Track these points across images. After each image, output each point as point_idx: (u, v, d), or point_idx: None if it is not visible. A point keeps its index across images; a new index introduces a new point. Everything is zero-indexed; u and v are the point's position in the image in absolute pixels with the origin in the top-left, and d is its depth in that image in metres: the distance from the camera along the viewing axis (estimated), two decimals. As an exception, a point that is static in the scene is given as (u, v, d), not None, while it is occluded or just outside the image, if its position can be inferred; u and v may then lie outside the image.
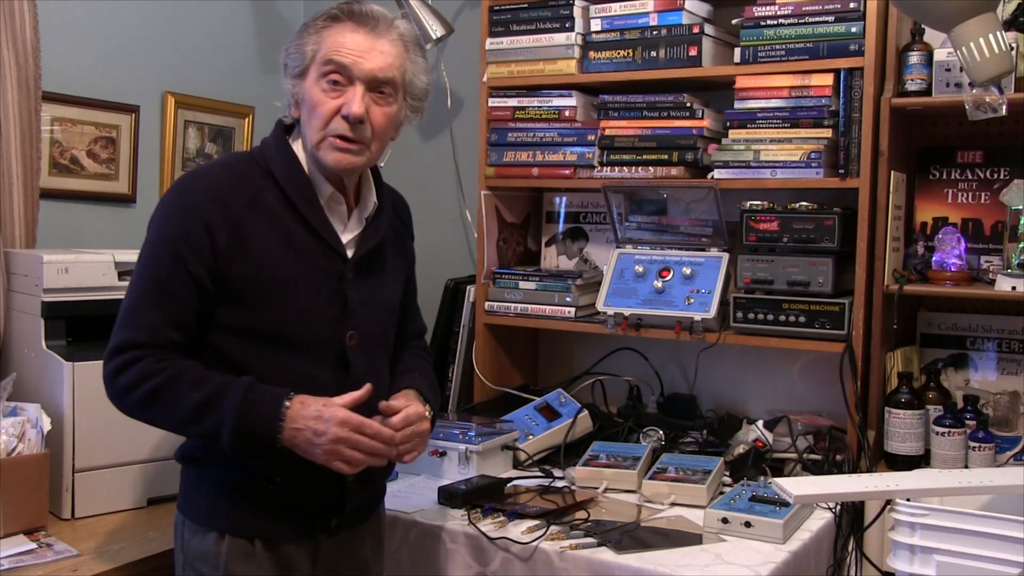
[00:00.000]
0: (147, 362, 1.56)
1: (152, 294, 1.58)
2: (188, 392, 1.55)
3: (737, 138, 2.42)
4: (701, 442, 2.38)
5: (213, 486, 1.67)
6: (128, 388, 1.56)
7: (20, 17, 2.47)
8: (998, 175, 2.39)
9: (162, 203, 1.65)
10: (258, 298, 1.61)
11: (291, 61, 1.66)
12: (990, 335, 2.40)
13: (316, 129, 1.63)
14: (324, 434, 1.55)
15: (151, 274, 1.60)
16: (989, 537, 1.56)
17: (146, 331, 1.57)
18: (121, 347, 1.57)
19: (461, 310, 2.85)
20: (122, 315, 1.60)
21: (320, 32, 1.64)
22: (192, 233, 1.57)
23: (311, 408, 1.56)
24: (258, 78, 3.32)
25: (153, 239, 1.62)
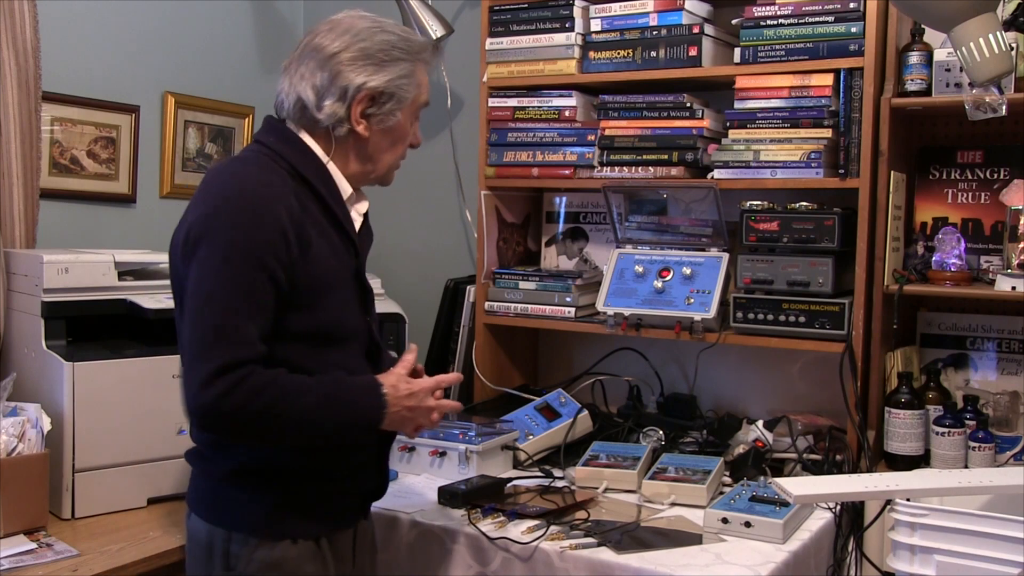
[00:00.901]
0: (253, 378, 1.50)
1: (243, 307, 1.52)
2: (299, 398, 1.54)
3: (737, 138, 2.42)
4: (701, 442, 2.38)
5: (276, 495, 1.64)
6: (242, 407, 1.49)
7: (20, 17, 2.47)
8: (998, 175, 2.39)
9: (225, 210, 1.55)
10: (312, 300, 1.61)
11: (401, 93, 1.69)
12: (990, 335, 2.40)
13: (397, 156, 1.76)
14: (419, 413, 1.68)
15: (238, 286, 1.52)
16: (989, 537, 1.56)
17: (246, 347, 1.51)
18: (226, 367, 1.48)
19: (461, 310, 2.85)
20: (214, 331, 1.50)
21: (417, 69, 1.72)
22: (273, 240, 1.54)
23: (402, 388, 1.65)
24: (258, 78, 3.32)
25: (227, 248, 1.53)
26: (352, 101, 1.65)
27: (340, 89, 1.65)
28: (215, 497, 1.66)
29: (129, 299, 2.26)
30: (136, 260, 2.39)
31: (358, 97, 1.65)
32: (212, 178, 1.63)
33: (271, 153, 1.66)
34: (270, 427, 1.54)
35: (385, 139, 1.71)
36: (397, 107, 1.69)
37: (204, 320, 1.52)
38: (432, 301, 2.96)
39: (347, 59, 1.65)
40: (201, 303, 1.53)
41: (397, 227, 3.31)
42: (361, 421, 1.62)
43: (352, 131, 1.67)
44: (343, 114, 1.66)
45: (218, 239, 1.54)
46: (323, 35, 1.70)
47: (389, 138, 1.72)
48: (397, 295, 2.95)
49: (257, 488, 1.64)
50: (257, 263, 1.53)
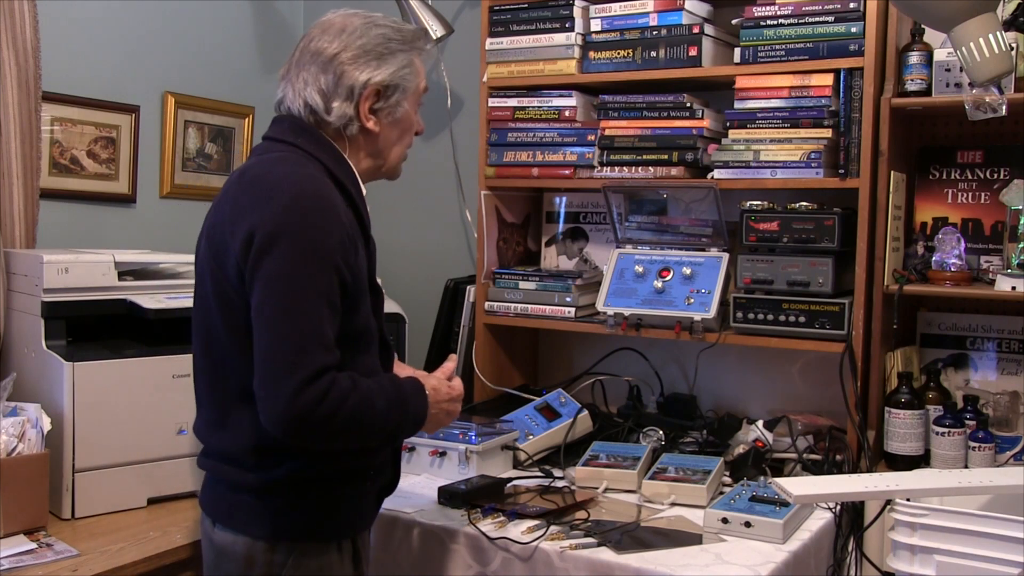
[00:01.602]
0: (338, 383, 1.49)
1: (325, 311, 1.51)
2: (374, 401, 1.56)
3: (737, 138, 2.42)
4: (701, 442, 2.38)
5: (314, 500, 1.63)
6: (333, 413, 1.48)
7: (20, 17, 2.47)
8: (998, 175, 2.39)
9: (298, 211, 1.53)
10: (354, 303, 1.60)
11: (405, 82, 1.70)
12: (990, 335, 2.40)
13: (405, 146, 1.78)
14: (453, 412, 1.78)
15: (320, 290, 1.51)
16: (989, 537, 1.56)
17: (331, 352, 1.50)
18: (317, 374, 1.47)
19: (461, 310, 2.85)
20: (302, 336, 1.48)
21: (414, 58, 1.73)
22: (343, 244, 1.55)
23: (442, 392, 1.74)
24: (258, 78, 3.32)
25: (306, 249, 1.51)
26: (359, 99, 1.67)
27: (346, 89, 1.66)
28: (253, 508, 1.62)
29: (129, 299, 2.26)
30: (136, 260, 2.39)
31: (365, 94, 1.66)
32: (262, 177, 1.58)
33: (305, 155, 1.65)
34: (355, 430, 1.55)
35: (394, 131, 1.73)
36: (403, 97, 1.71)
37: (289, 324, 1.48)
38: (432, 301, 2.96)
39: (348, 58, 1.66)
40: (283, 307, 1.49)
41: (397, 227, 3.31)
42: (412, 421, 1.67)
43: (363, 128, 1.69)
44: (352, 113, 1.67)
45: (296, 241, 1.50)
46: (318, 38, 1.69)
47: (397, 130, 1.74)
48: (397, 295, 2.95)
49: (298, 495, 1.62)
50: (332, 266, 1.52)
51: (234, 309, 1.56)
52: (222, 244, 1.57)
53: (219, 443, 1.65)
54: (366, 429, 1.56)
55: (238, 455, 1.62)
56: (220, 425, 1.65)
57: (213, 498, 1.68)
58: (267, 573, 1.61)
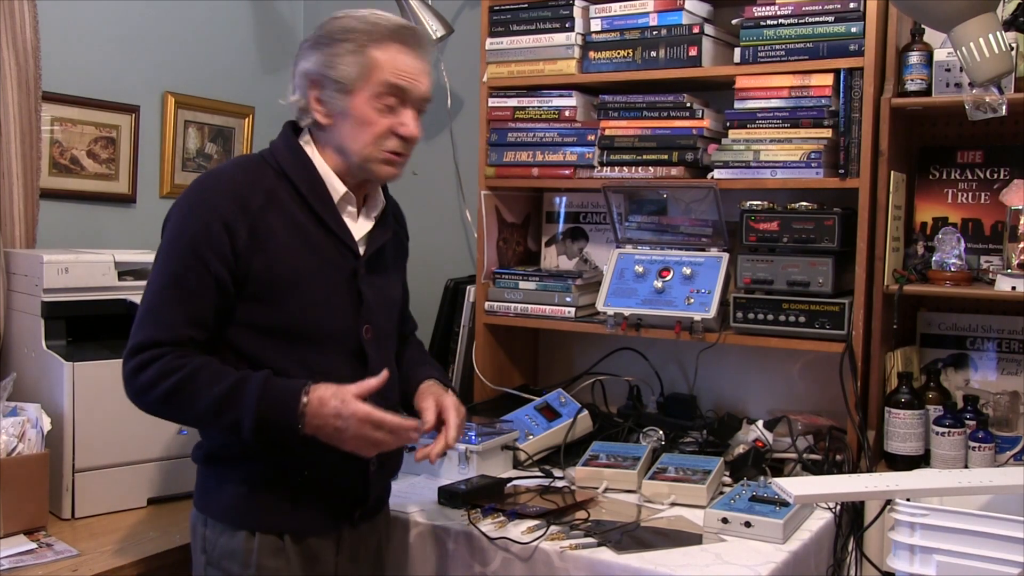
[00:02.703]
0: (166, 360, 1.57)
1: (172, 293, 1.60)
2: (207, 387, 1.56)
3: (737, 138, 2.42)
4: (701, 442, 2.38)
5: (239, 484, 1.67)
6: (148, 386, 1.57)
7: (20, 17, 2.47)
8: (998, 175, 2.39)
9: (179, 204, 1.65)
10: (277, 295, 1.63)
11: (335, 74, 1.64)
12: (990, 335, 2.40)
13: (366, 144, 1.67)
14: (346, 430, 1.59)
15: (171, 273, 1.60)
16: (989, 537, 1.56)
17: (165, 329, 1.58)
18: (140, 346, 1.58)
19: (461, 310, 2.85)
20: (141, 314, 1.61)
21: (370, 49, 1.64)
22: (212, 233, 1.59)
23: (330, 406, 1.58)
24: (258, 78, 3.32)
25: (171, 238, 1.63)
26: (305, 89, 1.67)
27: (296, 79, 1.69)
28: (199, 482, 1.74)
29: (129, 299, 2.26)
30: (136, 260, 2.39)
31: (307, 84, 1.67)
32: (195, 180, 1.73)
33: (266, 153, 1.71)
34: (174, 409, 1.62)
35: (345, 125, 1.66)
36: (341, 88, 1.64)
37: (142, 301, 1.63)
38: (432, 301, 2.95)
39: (301, 48, 1.70)
40: (146, 285, 1.64)
41: (397, 227, 3.31)
42: (278, 420, 1.57)
43: (316, 121, 1.68)
44: (304, 104, 1.68)
45: (168, 230, 1.65)
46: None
47: (348, 124, 1.66)
48: (397, 295, 2.94)
49: (224, 475, 1.69)
50: (193, 253, 1.59)
51: None
52: None
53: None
54: (186, 412, 1.62)
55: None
56: None
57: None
58: (198, 544, 1.71)
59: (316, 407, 1.58)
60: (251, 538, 1.66)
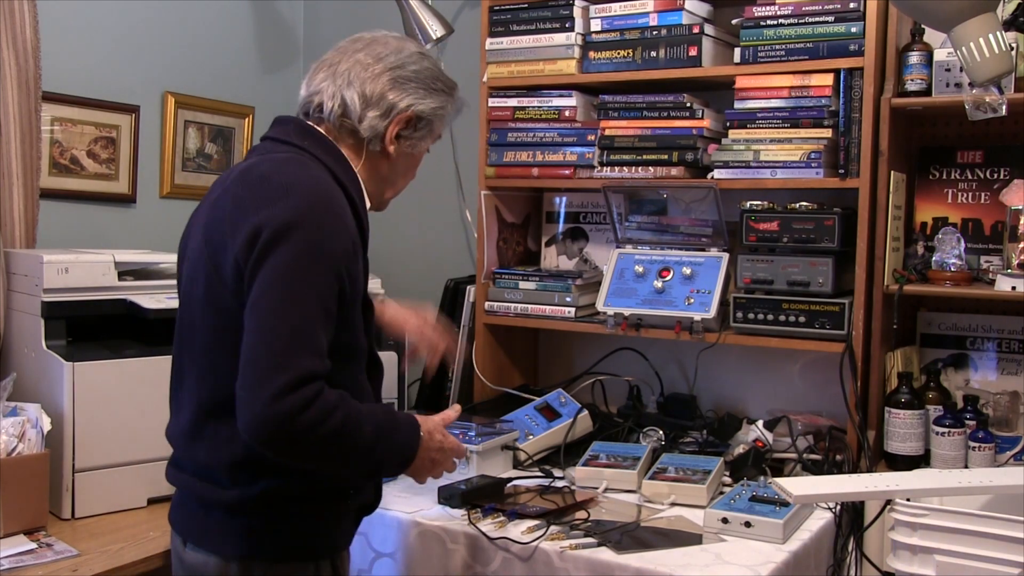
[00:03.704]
0: (326, 395, 1.41)
1: (320, 316, 1.44)
2: (362, 424, 1.47)
3: (737, 138, 2.42)
4: (701, 442, 2.38)
5: (292, 521, 1.58)
6: (316, 425, 1.39)
7: (20, 17, 2.47)
8: (998, 175, 2.39)
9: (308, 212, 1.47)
10: (351, 313, 1.55)
11: (436, 123, 1.72)
12: (990, 335, 2.40)
13: (405, 183, 1.78)
14: (441, 463, 1.66)
15: (318, 293, 1.44)
16: (989, 537, 1.56)
17: (321, 359, 1.42)
18: (304, 379, 1.39)
19: (461, 310, 2.85)
20: (293, 337, 1.40)
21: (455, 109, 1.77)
22: (347, 250, 1.50)
23: (435, 440, 1.63)
24: (258, 78, 3.32)
25: (311, 251, 1.45)
26: (392, 120, 1.65)
27: (388, 105, 1.64)
28: (226, 526, 1.56)
29: (129, 299, 2.26)
30: (136, 260, 2.39)
31: (399, 117, 1.65)
32: (270, 176, 1.52)
33: (311, 158, 1.59)
34: (335, 450, 1.45)
35: (405, 163, 1.73)
36: (427, 135, 1.71)
37: (281, 324, 1.40)
38: (432, 301, 2.95)
39: (400, 77, 1.65)
40: (277, 305, 1.41)
41: (397, 227, 3.31)
42: (399, 457, 1.57)
43: (383, 149, 1.67)
44: (381, 130, 1.65)
45: (303, 240, 1.44)
46: (369, 47, 1.66)
47: (407, 164, 1.74)
48: (397, 295, 2.94)
49: (273, 514, 1.56)
50: (335, 271, 1.47)
51: (225, 310, 1.49)
52: (220, 242, 1.50)
53: (193, 455, 1.59)
54: (348, 452, 1.47)
55: (212, 469, 1.56)
56: (196, 435, 1.57)
57: (184, 515, 1.63)
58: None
59: (427, 440, 1.61)
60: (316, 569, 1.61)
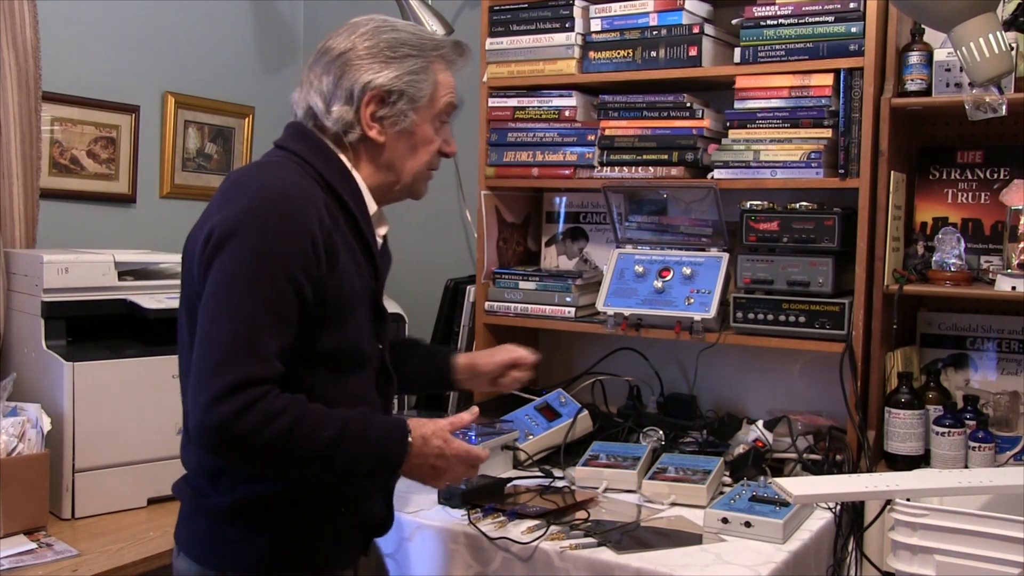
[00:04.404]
0: (268, 400, 1.37)
1: (265, 320, 1.39)
2: (317, 428, 1.41)
3: (737, 138, 2.42)
4: (701, 442, 2.38)
5: (271, 533, 1.52)
6: (255, 431, 1.36)
7: (20, 17, 2.47)
8: (998, 175, 2.39)
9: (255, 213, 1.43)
10: (335, 319, 1.50)
11: (413, 90, 1.57)
12: (990, 335, 2.40)
13: (422, 163, 1.63)
14: (445, 470, 1.56)
15: (261, 297, 1.39)
16: (989, 537, 1.56)
17: (263, 364, 1.38)
18: (241, 384, 1.36)
19: (461, 310, 2.85)
20: (230, 343, 1.37)
21: (434, 67, 1.61)
22: (304, 252, 1.43)
23: (432, 445, 1.53)
24: (258, 78, 3.32)
25: (254, 255, 1.41)
26: (360, 103, 1.55)
27: (346, 91, 1.55)
28: (207, 536, 1.55)
29: (129, 299, 2.26)
30: (136, 260, 2.39)
31: (365, 98, 1.55)
32: (238, 179, 1.51)
33: (299, 160, 1.55)
34: (283, 456, 1.41)
35: (402, 143, 1.60)
36: (410, 106, 1.58)
37: (221, 329, 1.38)
38: (432, 301, 2.96)
39: (352, 58, 1.56)
40: (219, 310, 1.39)
41: (397, 227, 3.30)
42: (380, 465, 1.50)
43: (365, 136, 1.57)
44: (351, 118, 1.55)
45: (246, 243, 1.41)
46: (332, 39, 1.59)
47: (407, 142, 1.60)
48: (397, 295, 2.95)
49: (252, 526, 1.52)
50: (285, 273, 1.41)
51: (195, 312, 1.46)
52: (192, 246, 1.50)
53: (186, 460, 1.59)
54: (299, 458, 1.42)
55: (198, 475, 1.55)
56: (187, 440, 1.56)
57: (178, 523, 1.61)
58: None
59: (420, 446, 1.51)
60: None
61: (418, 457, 1.52)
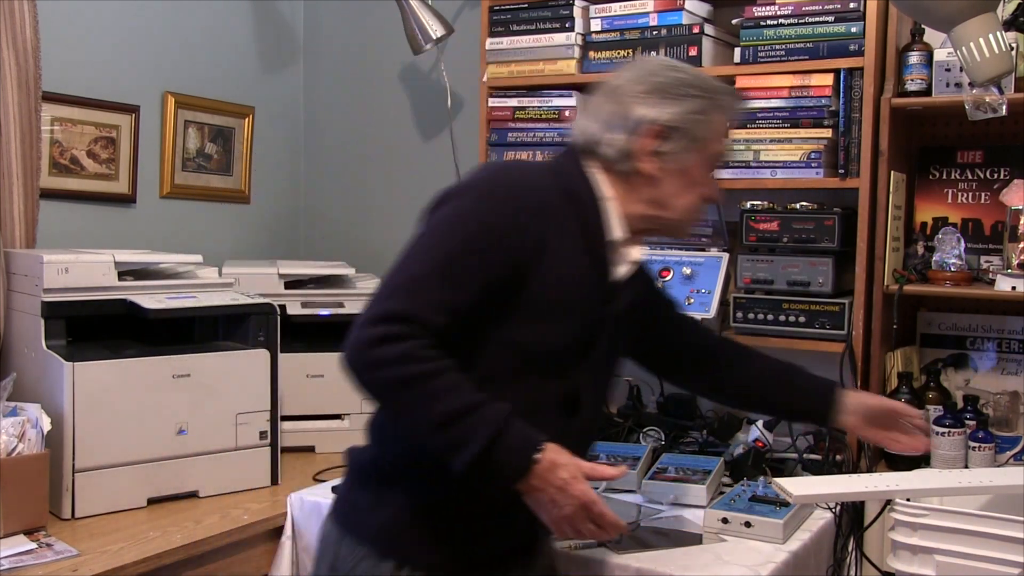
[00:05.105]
0: (415, 342, 1.39)
1: (441, 272, 1.43)
2: (446, 393, 1.40)
3: (737, 138, 2.42)
4: (701, 442, 2.38)
5: (400, 509, 1.53)
6: (387, 362, 1.39)
7: (20, 17, 2.46)
8: (998, 175, 2.39)
9: (475, 183, 1.52)
10: (533, 316, 1.49)
11: (693, 130, 1.57)
12: (990, 335, 2.40)
13: (691, 205, 1.62)
14: (561, 507, 1.44)
15: (447, 251, 1.45)
16: (989, 537, 1.55)
17: (423, 307, 1.41)
18: (393, 316, 1.40)
19: (461, 310, 2.84)
20: (398, 282, 1.44)
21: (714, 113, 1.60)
22: (507, 227, 1.46)
23: (558, 476, 1.43)
24: (258, 78, 3.32)
25: (458, 216, 1.47)
26: (639, 135, 1.56)
27: (626, 122, 1.56)
28: (347, 496, 1.61)
29: (129, 299, 2.26)
30: (136, 260, 2.39)
31: (645, 131, 1.56)
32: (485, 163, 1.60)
33: (551, 169, 1.58)
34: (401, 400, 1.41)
35: (674, 180, 1.59)
36: (687, 145, 1.57)
37: (407, 264, 1.46)
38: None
39: (637, 91, 1.57)
40: (412, 249, 1.47)
41: (397, 227, 3.31)
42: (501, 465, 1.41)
43: (637, 168, 1.57)
44: (627, 147, 1.56)
45: (459, 204, 1.49)
46: (617, 74, 1.63)
47: (679, 180, 1.59)
48: (397, 295, 2.94)
49: (384, 496, 1.54)
50: (478, 239, 1.45)
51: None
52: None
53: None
54: (417, 406, 1.40)
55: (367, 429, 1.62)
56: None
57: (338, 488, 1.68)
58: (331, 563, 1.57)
59: (545, 469, 1.42)
60: (399, 570, 1.51)
61: (539, 480, 1.42)
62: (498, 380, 1.47)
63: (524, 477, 1.42)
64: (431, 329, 1.41)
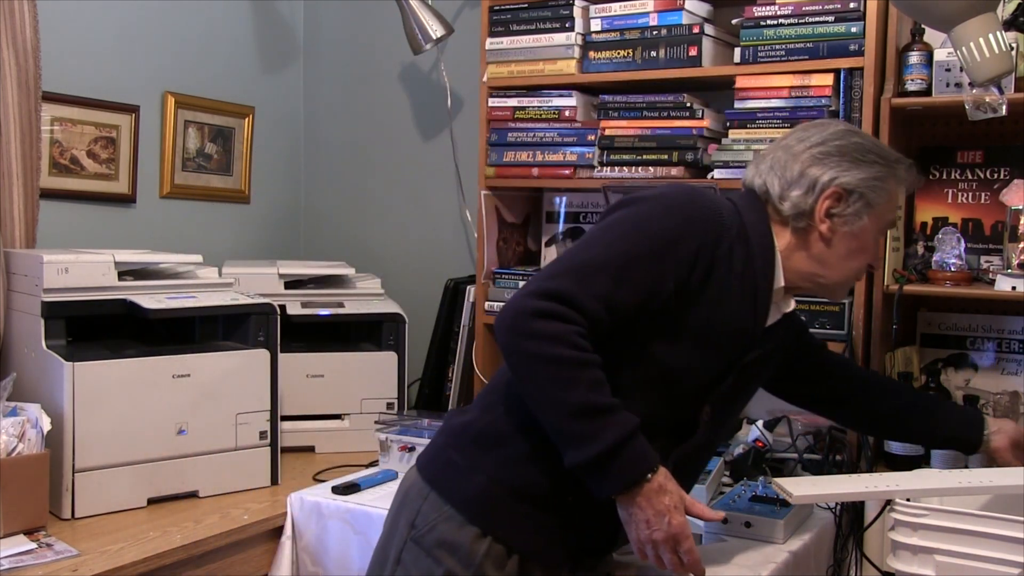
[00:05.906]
0: (574, 328, 1.42)
1: (615, 266, 1.47)
2: (588, 386, 1.42)
3: (737, 138, 2.42)
4: (701, 442, 2.38)
5: (494, 480, 1.55)
6: (541, 336, 1.41)
7: (20, 17, 2.46)
8: (998, 175, 2.39)
9: (665, 197, 1.55)
10: (678, 338, 1.53)
11: (872, 195, 1.60)
12: (990, 335, 2.40)
13: (852, 270, 1.66)
14: (653, 530, 1.46)
15: (622, 251, 1.48)
16: (989, 537, 1.55)
17: (589, 295, 1.44)
18: (561, 295, 1.43)
19: (461, 310, 2.85)
20: (574, 265, 1.47)
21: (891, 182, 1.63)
22: (685, 244, 1.49)
23: (662, 502, 1.45)
24: (258, 78, 3.32)
25: (641, 220, 1.51)
26: (819, 196, 1.59)
27: (809, 181, 1.59)
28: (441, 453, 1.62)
29: (129, 299, 2.26)
30: (136, 260, 2.39)
31: (825, 192, 1.59)
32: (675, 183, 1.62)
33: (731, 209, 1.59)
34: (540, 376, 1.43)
35: (845, 244, 1.62)
36: (865, 210, 1.60)
37: (578, 253, 1.50)
38: (432, 301, 2.95)
39: (819, 153, 1.61)
40: (586, 241, 1.51)
41: (397, 227, 3.31)
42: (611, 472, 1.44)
43: (812, 227, 1.61)
44: (807, 207, 1.60)
45: (642, 210, 1.53)
46: (798, 131, 1.67)
47: (849, 244, 1.62)
48: (397, 295, 2.95)
49: (482, 463, 1.56)
50: (654, 247, 1.48)
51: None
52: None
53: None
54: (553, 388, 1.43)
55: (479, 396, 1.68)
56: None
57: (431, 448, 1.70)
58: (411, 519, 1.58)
59: (651, 491, 1.45)
60: (481, 540, 1.53)
61: (643, 498, 1.45)
62: (623, 389, 1.48)
63: (630, 490, 1.45)
64: (589, 318, 1.44)
